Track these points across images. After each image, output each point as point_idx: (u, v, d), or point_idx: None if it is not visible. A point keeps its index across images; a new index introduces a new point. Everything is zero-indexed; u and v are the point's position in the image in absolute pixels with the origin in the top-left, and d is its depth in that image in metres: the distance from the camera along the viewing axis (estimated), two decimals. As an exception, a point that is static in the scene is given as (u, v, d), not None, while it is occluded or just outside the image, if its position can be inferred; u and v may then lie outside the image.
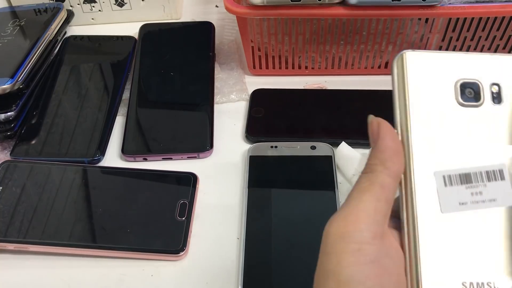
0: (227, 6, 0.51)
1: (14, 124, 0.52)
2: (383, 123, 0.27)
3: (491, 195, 0.25)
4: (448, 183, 0.25)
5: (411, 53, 0.27)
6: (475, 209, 0.25)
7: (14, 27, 0.60)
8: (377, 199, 0.25)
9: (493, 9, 0.51)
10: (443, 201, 0.25)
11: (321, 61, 0.59)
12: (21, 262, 0.44)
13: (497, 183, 0.25)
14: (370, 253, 0.24)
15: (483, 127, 0.26)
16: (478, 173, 0.25)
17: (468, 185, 0.25)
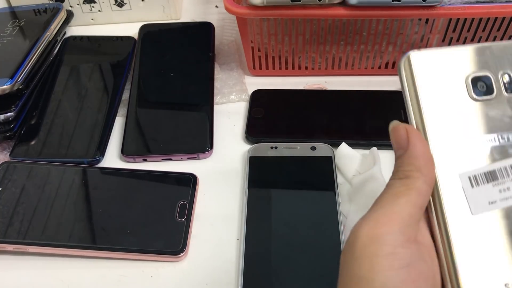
0: (227, 6, 0.51)
1: (13, 124, 0.52)
2: (411, 129, 0.26)
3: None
4: (475, 183, 0.25)
5: (416, 54, 0.26)
6: (506, 205, 0.24)
7: (13, 27, 0.60)
8: (413, 204, 0.24)
9: (494, 10, 0.51)
10: (473, 203, 0.24)
11: (321, 62, 0.58)
12: (21, 263, 0.44)
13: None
14: (404, 257, 0.23)
15: (500, 119, 0.26)
16: (503, 168, 0.25)
17: (495, 183, 0.25)
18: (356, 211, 0.46)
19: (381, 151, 0.50)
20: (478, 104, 0.26)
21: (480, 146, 0.25)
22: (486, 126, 0.25)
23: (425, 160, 0.25)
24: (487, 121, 0.26)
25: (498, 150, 0.25)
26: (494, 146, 0.25)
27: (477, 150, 0.25)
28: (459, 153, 0.25)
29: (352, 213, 0.46)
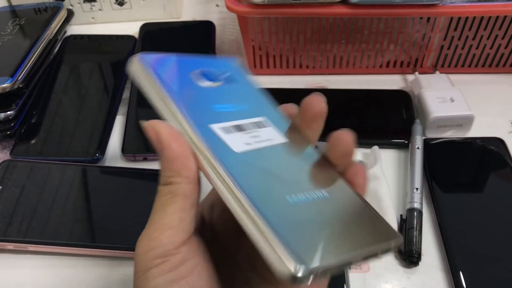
0: (228, 5, 0.51)
1: (14, 123, 0.52)
2: (161, 129, 0.26)
3: (266, 136, 0.29)
4: (227, 131, 0.28)
5: (146, 55, 0.31)
6: (260, 147, 0.28)
7: (14, 26, 0.60)
8: (182, 209, 0.25)
9: (495, 8, 0.51)
10: (232, 143, 0.27)
11: (322, 60, 0.58)
12: (21, 262, 0.44)
13: (265, 129, 0.30)
14: (174, 261, 0.24)
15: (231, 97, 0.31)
16: (248, 124, 0.29)
17: (245, 132, 0.29)
18: None
19: (382, 150, 0.50)
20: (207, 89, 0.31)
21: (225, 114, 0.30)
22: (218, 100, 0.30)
23: (183, 160, 0.26)
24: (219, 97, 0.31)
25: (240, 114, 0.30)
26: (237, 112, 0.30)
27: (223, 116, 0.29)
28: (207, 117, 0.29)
29: None
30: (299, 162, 0.29)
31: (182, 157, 0.26)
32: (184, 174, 0.26)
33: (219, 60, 0.35)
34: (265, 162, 0.28)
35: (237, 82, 0.33)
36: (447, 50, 0.56)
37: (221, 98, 0.31)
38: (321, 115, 0.30)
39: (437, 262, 0.43)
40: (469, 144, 0.50)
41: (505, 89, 0.57)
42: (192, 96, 0.30)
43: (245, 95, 0.32)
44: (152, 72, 0.30)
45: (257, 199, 0.25)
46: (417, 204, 0.44)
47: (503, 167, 0.48)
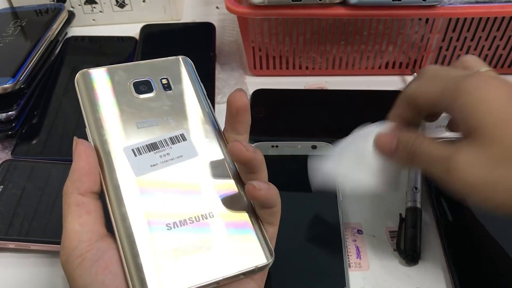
0: (228, 6, 0.52)
1: (15, 123, 0.52)
2: (79, 144, 0.30)
3: (178, 153, 0.31)
4: (137, 153, 0.31)
5: (90, 70, 0.34)
6: (166, 166, 0.31)
7: (15, 27, 0.60)
8: (78, 215, 0.28)
9: (493, 10, 0.51)
10: (135, 167, 0.30)
11: (322, 62, 0.59)
12: (22, 261, 0.44)
13: (181, 144, 0.32)
14: (91, 257, 0.27)
15: (163, 107, 0.33)
16: (163, 140, 0.32)
17: (156, 151, 0.31)
18: None
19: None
20: (141, 100, 0.33)
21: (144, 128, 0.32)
22: (146, 114, 0.33)
23: (81, 174, 0.29)
24: (147, 110, 0.33)
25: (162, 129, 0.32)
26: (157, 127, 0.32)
27: (141, 132, 0.32)
28: (125, 134, 0.31)
29: None
30: (198, 181, 0.31)
31: (82, 171, 0.29)
32: (77, 185, 0.29)
33: (164, 63, 0.36)
34: (161, 186, 0.30)
35: (174, 88, 0.34)
36: (446, 51, 0.56)
37: (148, 111, 0.33)
38: (245, 108, 0.32)
39: (436, 261, 0.43)
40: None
41: (504, 90, 0.58)
42: (119, 112, 0.32)
43: (176, 103, 0.34)
44: (88, 89, 0.33)
45: (137, 226, 0.28)
46: (417, 203, 0.45)
47: (501, 167, 0.48)
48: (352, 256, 0.43)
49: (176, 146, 0.32)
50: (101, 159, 0.30)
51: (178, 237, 0.28)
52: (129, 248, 0.27)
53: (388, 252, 0.44)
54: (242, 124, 0.33)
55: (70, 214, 0.29)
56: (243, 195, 0.31)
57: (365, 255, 0.43)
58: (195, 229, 0.29)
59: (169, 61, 0.36)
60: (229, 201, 0.30)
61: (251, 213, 0.30)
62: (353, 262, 0.43)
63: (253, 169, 0.30)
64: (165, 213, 0.29)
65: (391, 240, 0.44)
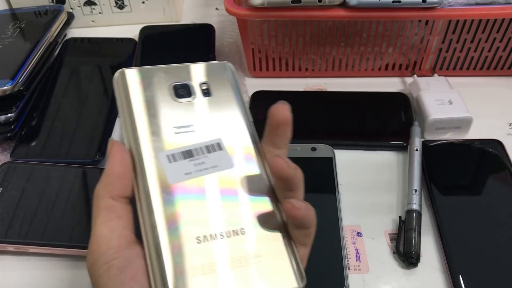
0: (228, 7, 0.52)
1: (14, 125, 0.52)
2: (115, 146, 0.29)
3: (213, 163, 0.30)
4: (172, 159, 0.30)
5: (128, 69, 0.33)
6: (200, 175, 0.29)
7: (14, 29, 0.60)
8: (108, 220, 0.27)
9: (493, 11, 0.51)
10: (169, 174, 0.29)
11: (321, 63, 0.59)
12: (21, 263, 0.44)
13: (217, 153, 0.31)
14: (118, 264, 0.26)
15: (201, 113, 0.32)
16: (199, 148, 0.30)
17: (191, 159, 0.30)
18: None
19: (380, 152, 0.50)
20: (178, 104, 0.32)
21: (182, 134, 0.31)
22: (186, 119, 0.31)
23: (114, 178, 0.28)
24: (185, 115, 0.32)
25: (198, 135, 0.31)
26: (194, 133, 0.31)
27: (179, 137, 0.31)
28: (163, 141, 0.30)
29: None
30: (231, 194, 0.29)
31: (115, 175, 0.28)
32: (109, 189, 0.28)
33: (206, 67, 0.35)
34: (193, 196, 0.29)
35: (214, 94, 0.33)
36: (446, 53, 0.56)
37: (186, 117, 0.32)
38: (286, 122, 0.31)
39: (435, 263, 0.43)
40: (468, 146, 0.50)
41: (503, 91, 0.58)
42: (157, 115, 0.31)
43: (214, 110, 0.32)
44: (127, 89, 0.32)
45: (165, 237, 0.27)
46: (416, 206, 0.45)
47: (501, 169, 0.48)
48: (352, 259, 0.43)
49: (212, 155, 0.30)
50: (135, 163, 0.29)
51: (207, 252, 0.27)
52: (156, 260, 0.26)
53: (387, 255, 0.43)
54: (282, 138, 0.31)
55: (99, 217, 0.28)
56: (277, 212, 0.29)
57: (364, 258, 0.43)
58: (225, 245, 0.27)
59: (211, 66, 0.35)
60: (262, 218, 0.29)
61: (284, 233, 0.29)
62: (352, 265, 0.43)
63: (292, 186, 0.29)
64: (195, 225, 0.28)
65: (391, 242, 0.44)
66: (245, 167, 0.31)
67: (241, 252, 0.27)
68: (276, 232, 0.28)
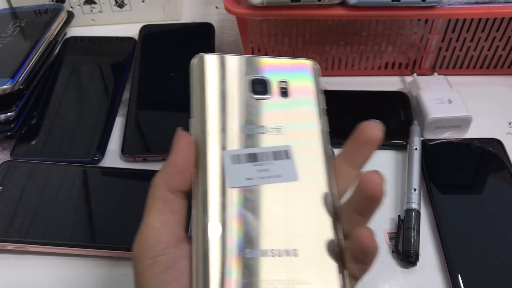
0: (227, 6, 0.52)
1: (14, 124, 0.52)
2: (182, 137, 0.28)
3: (277, 172, 0.28)
4: (236, 161, 0.28)
5: (207, 55, 0.31)
6: (261, 183, 0.27)
7: (14, 28, 0.60)
8: (161, 212, 0.27)
9: (493, 10, 0.51)
10: (230, 176, 0.27)
11: (321, 62, 0.59)
12: (21, 262, 0.44)
13: (283, 161, 0.28)
14: (164, 262, 0.25)
15: (274, 115, 0.30)
16: (265, 153, 0.28)
17: (255, 163, 0.28)
18: None
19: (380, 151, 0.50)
20: (251, 100, 0.30)
21: (251, 133, 0.29)
22: (260, 118, 0.29)
23: (175, 170, 0.27)
24: (257, 114, 0.30)
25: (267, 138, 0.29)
26: (264, 135, 0.29)
27: (246, 137, 0.29)
28: (231, 139, 0.28)
29: None
30: (290, 210, 0.27)
31: (177, 168, 0.27)
32: (168, 180, 0.27)
33: (289, 64, 0.32)
34: (250, 204, 0.27)
35: (292, 95, 0.31)
36: (445, 52, 0.56)
37: (259, 116, 0.29)
38: (374, 142, 0.28)
39: (434, 263, 0.43)
40: (467, 145, 0.50)
41: (503, 90, 0.58)
42: (229, 109, 0.29)
43: (289, 114, 0.30)
44: (202, 76, 0.30)
45: (215, 243, 0.26)
46: (415, 205, 0.45)
47: (500, 168, 0.48)
48: (351, 258, 0.43)
49: (278, 162, 0.28)
50: (198, 156, 0.28)
51: (254, 267, 0.25)
52: (203, 266, 0.25)
53: (386, 254, 0.44)
54: (362, 158, 0.29)
55: (153, 208, 0.27)
56: (335, 238, 0.27)
57: (363, 257, 0.43)
58: (275, 264, 0.26)
59: (295, 64, 0.32)
60: (318, 242, 0.27)
61: (339, 262, 0.26)
62: (351, 264, 0.43)
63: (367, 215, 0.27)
64: (247, 237, 0.26)
65: (390, 241, 0.44)
66: (310, 183, 0.28)
67: (289, 275, 0.26)
68: (330, 259, 0.26)
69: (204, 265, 0.25)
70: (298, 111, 0.30)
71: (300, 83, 0.31)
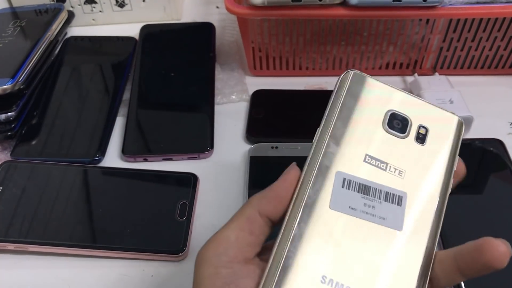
0: (228, 6, 0.51)
1: (14, 124, 0.52)
2: (294, 169, 0.28)
3: (383, 214, 0.27)
4: (347, 185, 0.27)
5: (359, 74, 0.30)
6: (362, 218, 0.26)
7: (15, 27, 0.60)
8: (241, 228, 0.27)
9: (494, 10, 0.51)
10: (335, 198, 0.26)
11: (322, 62, 0.59)
12: (21, 262, 0.44)
13: (393, 206, 0.27)
14: (225, 276, 0.25)
15: (401, 156, 0.28)
16: (378, 190, 0.27)
17: (364, 196, 0.27)
18: None
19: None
20: (384, 134, 0.29)
21: (374, 166, 0.28)
22: (386, 155, 0.28)
23: (274, 196, 0.27)
24: (389, 152, 0.28)
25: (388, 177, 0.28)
26: (386, 173, 0.28)
27: (369, 167, 0.27)
28: (352, 163, 0.27)
29: None
30: (381, 257, 0.26)
31: (276, 195, 0.27)
32: (262, 203, 0.27)
33: (439, 112, 0.31)
34: (344, 235, 0.26)
35: (428, 144, 0.29)
36: (447, 52, 0.56)
37: (386, 151, 0.28)
38: (493, 267, 0.25)
39: (436, 263, 0.43)
40: (468, 145, 0.50)
41: (504, 90, 0.57)
42: (358, 133, 0.28)
43: (419, 161, 0.29)
44: (349, 92, 0.29)
45: (291, 265, 0.25)
46: (416, 205, 0.44)
47: (502, 168, 0.48)
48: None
49: (387, 205, 0.27)
50: (311, 167, 0.27)
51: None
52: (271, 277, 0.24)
53: None
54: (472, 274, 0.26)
55: (235, 222, 0.27)
56: None
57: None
58: None
59: (442, 114, 0.31)
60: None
61: None
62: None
63: None
64: (329, 264, 0.25)
65: (391, 242, 0.44)
66: (414, 238, 0.27)
67: None
68: None
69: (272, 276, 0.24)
70: (428, 162, 0.29)
71: (440, 136, 0.30)
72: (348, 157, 0.27)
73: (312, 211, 0.26)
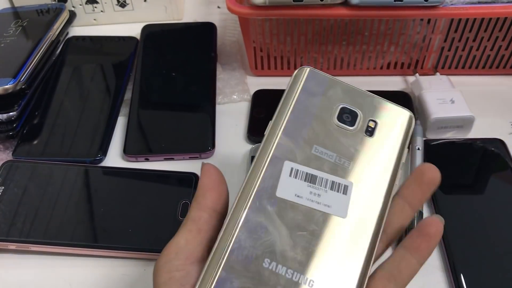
0: (229, 6, 0.51)
1: (16, 124, 0.52)
2: (206, 165, 0.30)
3: (328, 201, 0.28)
4: (294, 175, 0.28)
5: (311, 70, 0.31)
6: (307, 205, 0.27)
7: (16, 27, 0.60)
8: (189, 230, 0.28)
9: (496, 10, 0.51)
10: (282, 186, 0.27)
11: (323, 62, 0.59)
12: (23, 262, 0.44)
13: (338, 194, 0.28)
14: (179, 278, 0.26)
15: (350, 148, 0.29)
16: (324, 179, 0.28)
17: (310, 184, 0.28)
18: None
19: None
20: (334, 127, 0.30)
21: (322, 157, 0.29)
22: (334, 146, 0.29)
23: (204, 190, 0.29)
24: (337, 143, 0.29)
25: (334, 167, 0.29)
26: (333, 163, 0.29)
27: (315, 158, 0.29)
28: (300, 153, 0.28)
29: None
30: (325, 243, 0.27)
31: (205, 188, 0.29)
32: (198, 200, 0.29)
33: (387, 107, 0.31)
34: (287, 219, 0.27)
35: (376, 138, 0.30)
36: (448, 52, 0.56)
37: (333, 143, 0.29)
38: (434, 183, 0.30)
39: (437, 263, 0.43)
40: (470, 145, 0.50)
41: (506, 90, 0.57)
42: (308, 126, 0.29)
43: (366, 153, 0.29)
44: (299, 88, 0.30)
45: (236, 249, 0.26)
46: (418, 205, 0.44)
47: (503, 168, 0.48)
48: (353, 258, 0.43)
49: (332, 194, 0.28)
50: (261, 158, 0.28)
51: (266, 278, 0.25)
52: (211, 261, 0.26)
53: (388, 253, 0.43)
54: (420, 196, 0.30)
55: (183, 227, 0.28)
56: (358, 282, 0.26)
57: (366, 257, 0.43)
58: (285, 284, 0.25)
59: (393, 110, 0.31)
60: (338, 281, 0.26)
61: None
62: (354, 264, 0.43)
63: None
64: (271, 248, 0.26)
65: (392, 242, 0.44)
66: (358, 227, 0.28)
67: None
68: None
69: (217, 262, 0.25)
70: (376, 154, 0.30)
71: (389, 130, 0.31)
72: (298, 148, 0.28)
73: (260, 198, 0.27)
